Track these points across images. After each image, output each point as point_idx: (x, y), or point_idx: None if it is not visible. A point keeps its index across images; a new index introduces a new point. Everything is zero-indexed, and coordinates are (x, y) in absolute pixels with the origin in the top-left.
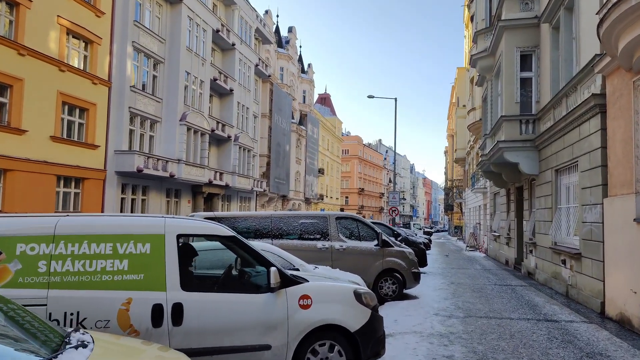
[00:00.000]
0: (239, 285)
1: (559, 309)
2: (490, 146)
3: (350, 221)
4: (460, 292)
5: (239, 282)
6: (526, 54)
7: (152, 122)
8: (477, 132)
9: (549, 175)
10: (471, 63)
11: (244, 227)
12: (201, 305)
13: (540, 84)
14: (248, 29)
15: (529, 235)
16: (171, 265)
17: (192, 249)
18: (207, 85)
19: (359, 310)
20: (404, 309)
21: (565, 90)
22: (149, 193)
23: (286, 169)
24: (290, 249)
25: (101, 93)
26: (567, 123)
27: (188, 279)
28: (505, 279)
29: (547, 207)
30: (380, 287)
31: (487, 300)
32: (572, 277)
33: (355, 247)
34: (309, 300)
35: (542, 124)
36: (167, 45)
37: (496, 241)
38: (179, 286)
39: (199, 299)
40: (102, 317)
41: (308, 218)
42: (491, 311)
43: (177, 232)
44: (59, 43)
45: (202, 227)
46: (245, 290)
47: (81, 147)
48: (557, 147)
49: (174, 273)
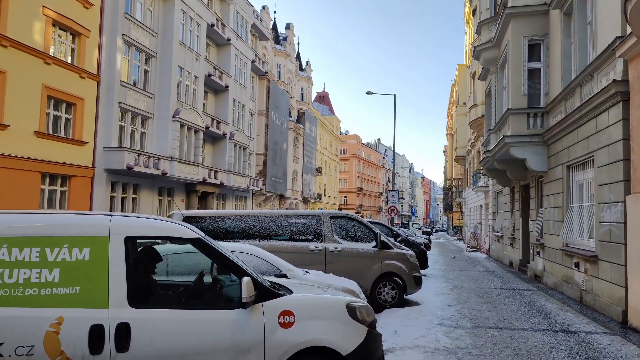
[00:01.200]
0: (206, 298)
1: (575, 317)
2: (495, 142)
3: (346, 221)
4: (465, 297)
5: (207, 295)
6: (534, 43)
7: (144, 118)
8: (479, 129)
9: (560, 172)
10: (474, 55)
11: (229, 227)
12: (154, 326)
13: (549, 75)
14: (244, 25)
15: (536, 236)
16: (117, 275)
17: (155, 254)
18: (202, 81)
19: (353, 327)
20: (405, 317)
21: (579, 79)
22: (141, 191)
23: (283, 167)
24: (280, 251)
25: (89, 87)
26: (582, 114)
27: (139, 293)
28: (511, 282)
29: (557, 206)
30: (379, 292)
31: (494, 307)
32: (587, 281)
33: (352, 249)
34: (291, 316)
35: (552, 118)
36: (160, 39)
37: (499, 242)
38: (126, 301)
39: (151, 317)
40: (24, 342)
41: (300, 217)
42: (501, 320)
43: (125, 233)
44: (44, 34)
45: (158, 227)
46: (213, 305)
47: (68, 143)
48: (569, 141)
49: (120, 285)
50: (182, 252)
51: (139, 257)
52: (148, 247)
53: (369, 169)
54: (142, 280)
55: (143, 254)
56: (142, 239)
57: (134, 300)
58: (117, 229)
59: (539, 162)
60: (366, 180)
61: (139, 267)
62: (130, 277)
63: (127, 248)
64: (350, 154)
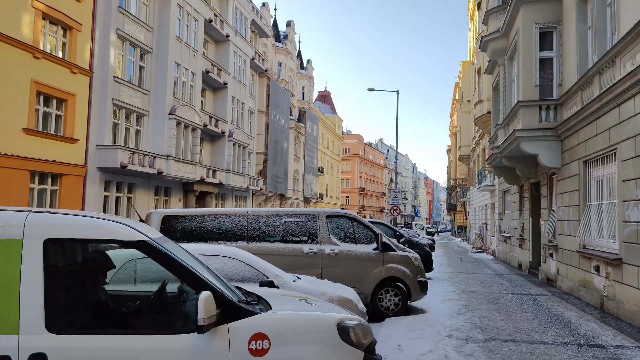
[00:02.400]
0: (157, 318)
1: (598, 327)
2: (503, 137)
3: (344, 220)
4: (475, 303)
5: (161, 313)
6: (546, 31)
7: (139, 115)
8: (484, 126)
9: (575, 168)
10: (481, 46)
11: (214, 227)
12: (80, 358)
13: (562, 64)
14: (243, 21)
15: (548, 237)
16: (31, 291)
17: (105, 261)
18: (199, 78)
19: (346, 353)
20: (409, 327)
21: (598, 66)
22: (136, 191)
23: (284, 167)
24: (271, 254)
25: (81, 83)
26: (602, 104)
27: (63, 313)
28: (522, 286)
29: (572, 204)
30: (380, 299)
31: (508, 316)
32: (609, 287)
33: (350, 252)
34: (265, 341)
35: (566, 110)
36: (155, 34)
37: (506, 242)
38: (42, 325)
39: (77, 346)
40: None
41: (293, 216)
42: (517, 331)
43: (45, 235)
44: (33, 28)
45: (90, 227)
46: (164, 328)
47: (58, 140)
48: (587, 134)
49: (35, 304)
50: None
51: (81, 265)
52: (99, 251)
53: (372, 169)
54: (70, 296)
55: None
56: (69, 242)
57: (53, 324)
58: (34, 230)
59: (552, 158)
60: (369, 180)
61: (67, 279)
62: (50, 293)
63: (47, 254)
64: (353, 154)
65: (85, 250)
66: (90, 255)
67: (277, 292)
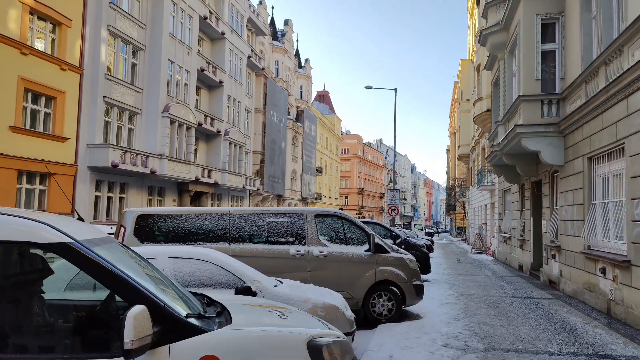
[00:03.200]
0: (84, 337)
1: (606, 334)
2: (503, 134)
3: (334, 220)
4: (473, 308)
5: (90, 331)
6: (548, 23)
7: (131, 114)
8: (484, 124)
9: (580, 165)
10: (480, 41)
11: (193, 227)
12: None
13: (565, 57)
14: (239, 18)
15: (550, 237)
16: None
17: (41, 267)
18: (194, 76)
19: None
20: (403, 335)
21: (604, 56)
22: (128, 191)
23: (281, 167)
24: (254, 256)
25: (71, 80)
26: (609, 96)
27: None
28: (523, 288)
29: (576, 203)
30: (373, 304)
31: (509, 322)
32: (617, 290)
33: (340, 254)
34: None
35: (569, 104)
36: (148, 31)
37: (506, 243)
38: None
39: None
40: None
41: (279, 215)
42: (519, 339)
43: None
44: (20, 23)
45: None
46: (89, 352)
47: (47, 139)
48: (592, 128)
49: None
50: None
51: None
52: (37, 255)
53: (371, 169)
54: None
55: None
56: None
57: None
58: None
59: (554, 155)
60: (368, 180)
61: None
62: None
63: None
64: (352, 154)
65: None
66: (30, 259)
67: (247, 301)
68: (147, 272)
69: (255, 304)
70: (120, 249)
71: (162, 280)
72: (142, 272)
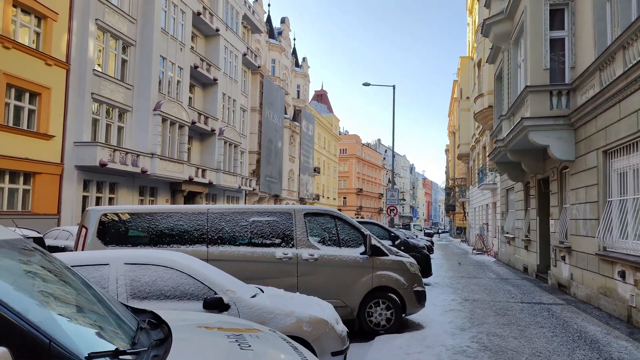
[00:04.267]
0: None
1: (632, 347)
2: (508, 129)
3: (326, 219)
4: (480, 315)
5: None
6: (556, 9)
7: (121, 111)
8: (485, 121)
9: (593, 159)
10: (483, 32)
11: (166, 227)
12: None
13: (575, 44)
14: (234, 15)
15: (559, 238)
16: None
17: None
18: (187, 73)
19: None
20: (403, 349)
21: (622, 39)
22: (118, 191)
23: (278, 167)
24: (236, 260)
25: (57, 76)
26: (628, 82)
27: None
28: (531, 293)
29: (589, 201)
30: (369, 313)
31: (521, 332)
32: (638, 296)
33: (333, 257)
34: None
35: (580, 95)
36: (139, 26)
37: (509, 244)
38: None
39: None
40: None
41: (263, 214)
42: (535, 354)
43: None
44: (2, 16)
45: None
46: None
47: (31, 136)
48: (608, 119)
49: None
50: None
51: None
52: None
53: (369, 169)
54: None
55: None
56: None
57: None
58: None
59: (564, 149)
60: (366, 181)
61: None
62: None
63: None
64: (350, 154)
65: None
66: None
67: (205, 321)
68: (59, 289)
69: (214, 326)
70: (16, 256)
71: (87, 298)
72: (35, 291)
